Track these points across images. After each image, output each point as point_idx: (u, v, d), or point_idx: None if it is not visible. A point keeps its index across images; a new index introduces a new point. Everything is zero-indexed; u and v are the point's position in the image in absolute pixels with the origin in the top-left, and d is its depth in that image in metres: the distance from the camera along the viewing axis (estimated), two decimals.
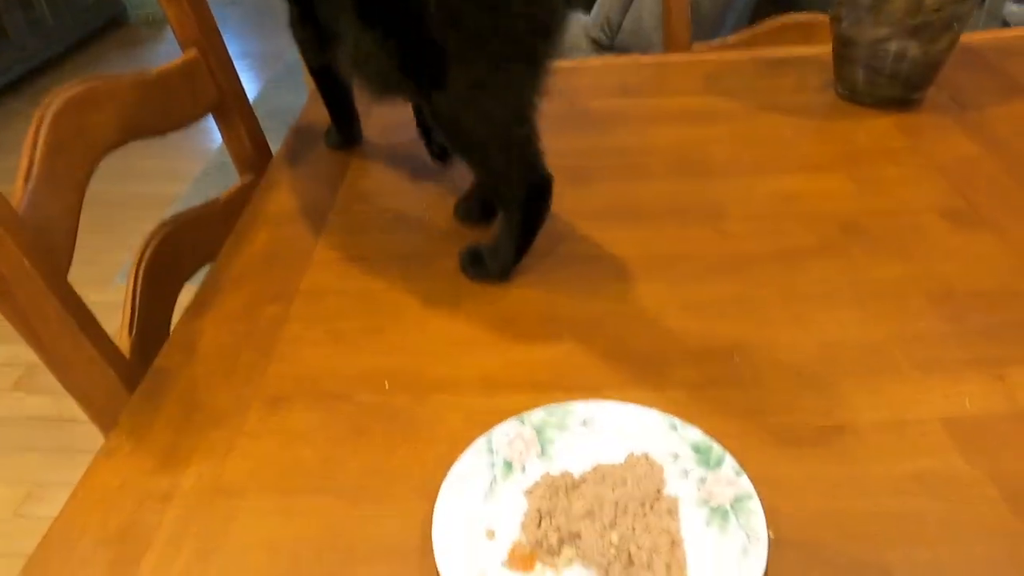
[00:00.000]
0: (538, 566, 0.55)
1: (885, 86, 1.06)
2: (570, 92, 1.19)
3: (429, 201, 0.97)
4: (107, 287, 2.23)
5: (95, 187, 0.78)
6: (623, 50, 2.00)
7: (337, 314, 0.79)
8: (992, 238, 0.83)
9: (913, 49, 1.02)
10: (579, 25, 2.09)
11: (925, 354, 0.69)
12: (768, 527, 0.54)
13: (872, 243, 0.84)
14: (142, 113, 0.86)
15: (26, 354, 1.99)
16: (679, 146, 1.04)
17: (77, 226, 0.74)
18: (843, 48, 1.08)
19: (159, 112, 0.91)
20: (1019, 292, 0.76)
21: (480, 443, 0.62)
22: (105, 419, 0.71)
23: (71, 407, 1.92)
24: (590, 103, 1.16)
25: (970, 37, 1.23)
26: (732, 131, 1.06)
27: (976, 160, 0.96)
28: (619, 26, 1.98)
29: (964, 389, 0.66)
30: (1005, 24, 2.08)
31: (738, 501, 0.56)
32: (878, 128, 1.04)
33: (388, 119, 1.14)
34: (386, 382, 0.70)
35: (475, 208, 0.91)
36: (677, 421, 0.62)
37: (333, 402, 0.69)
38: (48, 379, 2.09)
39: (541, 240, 0.87)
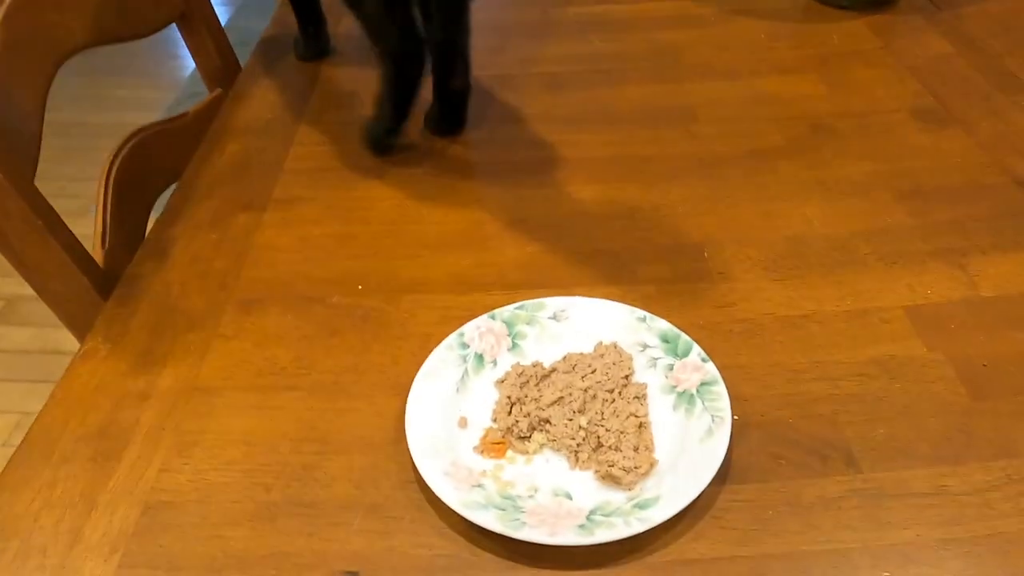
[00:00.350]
0: (509, 452, 0.56)
1: None
2: (543, 0, 1.17)
3: None
4: (83, 219, 2.21)
5: (65, 117, 0.77)
6: None
7: (309, 221, 0.79)
8: (960, 135, 0.83)
9: None
10: None
11: (890, 247, 0.70)
12: (732, 410, 0.55)
13: (841, 143, 0.84)
14: (102, 14, 0.84)
15: (6, 287, 1.98)
16: (653, 52, 1.03)
17: (41, 132, 0.73)
18: None
19: (120, 15, 0.88)
20: (984, 186, 0.77)
21: (451, 338, 0.62)
22: (80, 326, 0.71)
23: (54, 339, 1.90)
24: (564, 10, 1.14)
25: None
26: (706, 36, 1.05)
27: (948, 59, 0.96)
28: None
29: (927, 279, 0.67)
30: None
31: (704, 386, 0.58)
32: (852, 30, 1.03)
33: (357, 29, 1.11)
34: (359, 284, 0.70)
35: (443, 119, 0.90)
36: (646, 314, 0.63)
37: (306, 304, 0.69)
38: (29, 312, 2.05)
39: (513, 145, 0.87)
